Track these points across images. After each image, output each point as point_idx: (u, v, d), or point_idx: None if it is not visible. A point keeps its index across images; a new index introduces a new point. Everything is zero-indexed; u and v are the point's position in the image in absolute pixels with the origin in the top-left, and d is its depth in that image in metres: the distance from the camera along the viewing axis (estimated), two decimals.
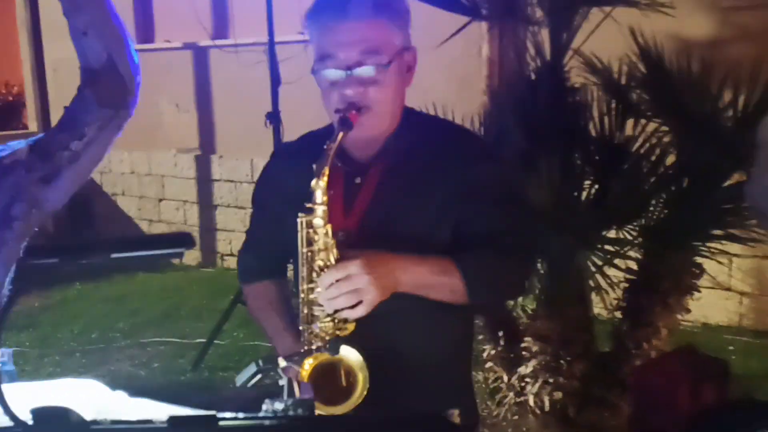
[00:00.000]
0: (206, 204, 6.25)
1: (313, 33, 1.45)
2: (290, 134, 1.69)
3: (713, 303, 4.54)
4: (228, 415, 0.85)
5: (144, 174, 6.60)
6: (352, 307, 1.33)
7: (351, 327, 1.38)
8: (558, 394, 3.06)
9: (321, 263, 1.37)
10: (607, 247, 2.59)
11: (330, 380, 1.37)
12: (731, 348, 4.21)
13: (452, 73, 5.00)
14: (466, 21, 3.08)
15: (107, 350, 4.56)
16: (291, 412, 0.83)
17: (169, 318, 5.10)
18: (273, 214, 1.58)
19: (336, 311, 1.35)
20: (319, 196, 1.35)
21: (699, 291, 2.98)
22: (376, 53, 1.40)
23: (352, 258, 1.34)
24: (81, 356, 4.46)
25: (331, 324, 1.37)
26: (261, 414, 0.86)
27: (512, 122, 2.89)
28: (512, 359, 3.26)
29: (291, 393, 1.12)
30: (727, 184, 2.52)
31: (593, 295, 3.04)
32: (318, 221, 1.36)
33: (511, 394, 3.29)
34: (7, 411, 0.84)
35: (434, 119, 1.61)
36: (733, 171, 2.50)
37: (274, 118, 4.10)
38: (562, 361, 3.00)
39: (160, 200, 6.54)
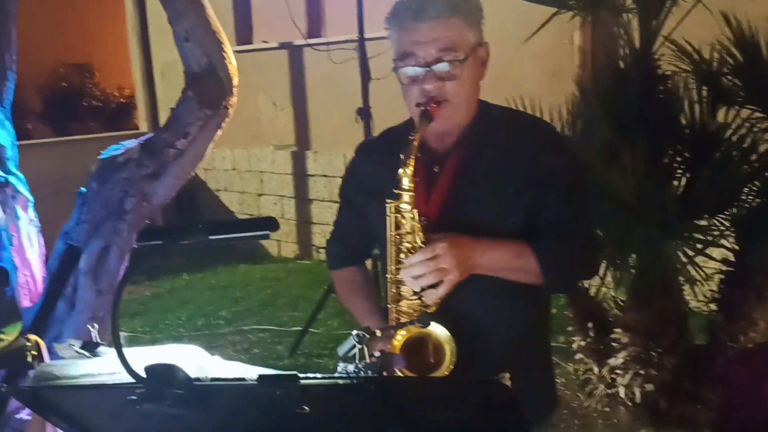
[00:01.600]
0: (302, 198, 6.46)
1: (393, 33, 1.55)
2: (380, 129, 1.79)
3: None
4: (308, 374, 0.97)
5: (244, 170, 6.89)
6: (434, 286, 1.43)
7: (436, 304, 1.48)
8: (649, 386, 3.03)
9: (408, 245, 1.48)
10: (697, 236, 2.54)
11: (419, 353, 1.47)
12: None
13: (543, 65, 4.96)
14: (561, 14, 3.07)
15: (211, 336, 4.82)
16: (361, 373, 0.92)
17: (268, 307, 5.33)
18: (358, 206, 1.70)
19: (421, 290, 1.45)
20: (406, 183, 1.47)
21: None
22: (453, 50, 1.49)
23: (438, 240, 1.44)
24: (188, 341, 4.71)
25: (417, 302, 1.49)
26: (337, 375, 0.96)
27: (600, 112, 2.88)
28: (602, 351, 3.24)
29: (384, 362, 1.22)
30: None
31: (688, 288, 2.99)
32: (405, 206, 1.48)
33: (602, 386, 3.27)
34: (128, 368, 0.97)
35: (508, 110, 1.68)
36: None
37: (364, 113, 4.21)
38: (652, 353, 2.97)
39: (260, 195, 6.82)
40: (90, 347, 1.19)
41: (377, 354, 1.21)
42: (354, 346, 1.22)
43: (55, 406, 1.09)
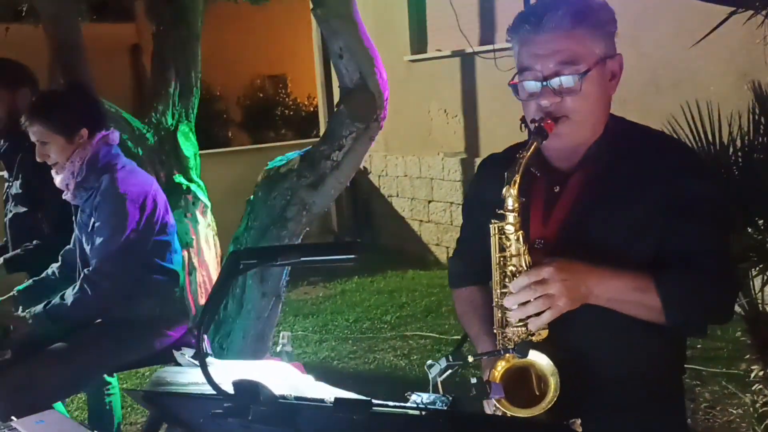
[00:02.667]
0: None
1: (514, 45, 1.49)
2: None
3: None
4: (381, 402, 0.97)
5: (415, 177, 7.02)
6: (539, 314, 1.33)
7: (544, 333, 1.39)
8: None
9: (513, 269, 1.40)
10: None
11: (521, 383, 1.40)
12: None
13: (730, 67, 4.55)
14: (746, 13, 2.81)
15: (375, 340, 4.95)
16: (433, 405, 0.91)
17: (431, 314, 5.37)
18: (479, 223, 1.63)
19: (525, 318, 1.36)
20: (510, 203, 1.39)
21: None
22: (572, 63, 1.40)
23: (546, 265, 1.34)
24: (352, 343, 4.91)
25: (524, 329, 1.40)
26: (408, 404, 0.95)
27: None
28: None
29: (480, 390, 1.18)
30: None
31: None
32: (509, 228, 1.40)
33: None
34: (212, 383, 1.03)
35: (641, 128, 1.53)
36: None
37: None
38: None
39: (429, 201, 6.90)
40: (199, 356, 1.28)
41: (473, 381, 1.17)
42: (444, 369, 1.20)
43: (166, 410, 1.18)
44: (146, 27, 5.73)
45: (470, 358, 1.32)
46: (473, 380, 1.22)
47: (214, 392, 1.06)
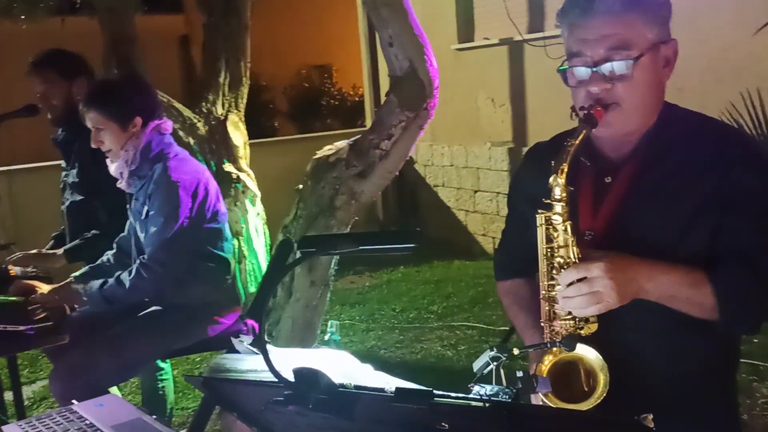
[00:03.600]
0: None
1: (564, 31, 1.44)
2: None
3: None
4: (443, 393, 0.96)
5: (461, 166, 6.97)
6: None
7: (593, 327, 1.36)
8: None
9: (561, 260, 1.37)
10: None
11: (569, 378, 1.37)
12: None
13: None
14: None
15: (421, 330, 4.95)
16: (496, 397, 0.90)
17: (478, 304, 5.34)
18: (524, 214, 1.60)
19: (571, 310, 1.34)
20: (558, 192, 1.36)
21: None
22: (624, 49, 1.35)
23: (596, 259, 1.31)
24: (399, 333, 4.91)
25: (572, 322, 1.37)
26: (471, 395, 0.94)
27: None
28: None
29: (526, 384, 1.16)
30: None
31: None
32: (557, 218, 1.37)
33: None
34: (273, 371, 1.04)
35: (697, 116, 1.47)
36: None
37: None
38: None
39: (476, 191, 6.85)
40: (258, 343, 1.28)
41: (519, 374, 1.15)
42: (488, 364, 1.18)
43: (224, 396, 1.19)
44: (196, 18, 5.80)
45: (515, 351, 1.29)
46: (519, 374, 1.20)
47: (274, 379, 1.07)
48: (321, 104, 13.51)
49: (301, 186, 3.45)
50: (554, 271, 1.38)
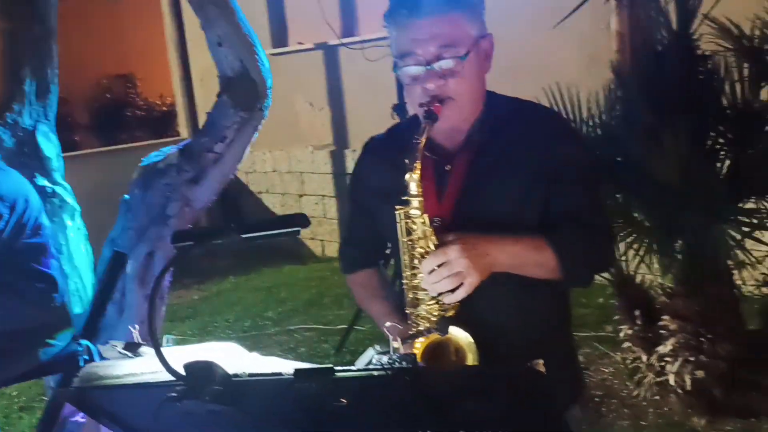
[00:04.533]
0: (343, 197, 6.49)
1: (391, 31, 1.50)
2: None
3: None
4: (343, 367, 0.97)
5: (285, 171, 6.96)
6: (453, 290, 1.39)
7: (455, 308, 1.45)
8: (700, 374, 2.96)
9: (421, 250, 1.44)
10: (744, 219, 2.47)
11: (441, 359, 1.44)
12: None
13: (581, 51, 4.88)
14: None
15: (259, 337, 4.88)
16: (396, 364, 0.92)
17: (314, 306, 5.37)
18: (367, 207, 1.66)
19: (439, 294, 1.42)
20: (414, 188, 1.42)
21: None
22: (453, 46, 1.44)
23: (450, 243, 1.40)
24: (236, 342, 4.80)
25: (435, 306, 1.45)
26: (371, 366, 0.96)
27: (640, 96, 2.83)
28: (650, 339, 3.19)
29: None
30: None
31: (739, 272, 2.91)
32: (415, 212, 1.43)
33: (651, 375, 3.22)
34: (167, 366, 0.99)
35: (516, 101, 1.60)
36: None
37: (400, 110, 4.21)
38: (702, 340, 2.90)
39: (301, 196, 6.87)
40: (132, 347, 1.22)
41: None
42: (371, 360, 1.20)
43: (101, 405, 1.12)
44: None
45: (395, 345, 1.28)
46: (371, 354, 1.23)
47: (161, 380, 1.02)
48: (126, 115, 12.84)
49: (127, 196, 3.27)
50: (416, 261, 1.45)
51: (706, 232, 2.62)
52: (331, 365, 1.00)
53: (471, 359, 1.41)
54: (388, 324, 1.28)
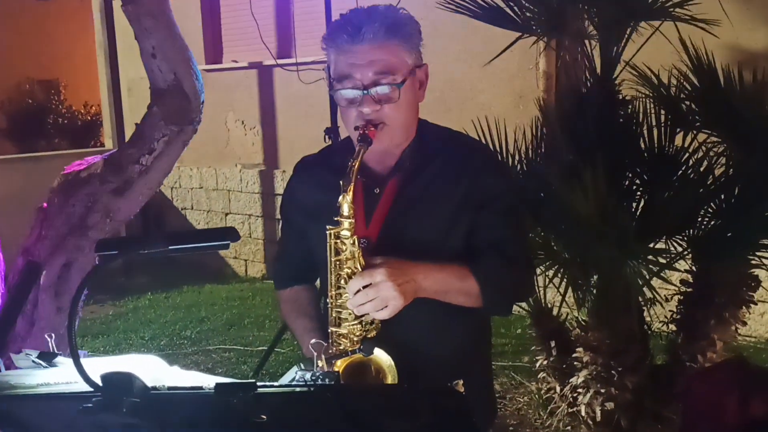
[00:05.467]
0: (270, 218, 6.44)
1: (330, 54, 1.54)
2: None
3: None
4: (266, 383, 0.97)
5: (211, 189, 6.86)
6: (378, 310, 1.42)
7: (378, 328, 1.48)
8: (610, 405, 3.06)
9: (348, 271, 1.46)
10: (654, 258, 2.59)
11: (361, 379, 1.46)
12: None
13: (509, 88, 5.05)
14: (526, 39, 3.13)
15: (175, 356, 4.75)
16: (319, 381, 0.93)
17: (234, 327, 5.28)
18: (298, 224, 1.69)
19: (362, 315, 1.45)
20: (346, 209, 1.46)
21: (755, 303, 2.95)
22: (390, 73, 1.49)
23: (378, 266, 1.43)
24: None
25: (358, 326, 1.48)
26: (294, 382, 0.97)
27: (563, 135, 2.94)
28: (564, 370, 3.28)
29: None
30: None
31: (648, 308, 3.03)
32: (345, 233, 1.46)
33: (564, 405, 3.30)
34: (84, 376, 0.96)
35: (447, 131, 1.67)
36: None
37: (333, 133, 4.23)
38: (613, 372, 3.00)
39: (227, 214, 6.78)
40: (46, 357, 1.18)
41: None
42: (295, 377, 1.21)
43: (11, 415, 1.07)
44: None
45: (320, 363, 1.29)
46: (293, 373, 1.24)
47: (78, 391, 1.00)
48: (47, 122, 12.39)
49: (45, 204, 3.16)
50: (342, 281, 1.47)
51: (618, 268, 2.73)
52: (253, 380, 0.99)
53: (390, 381, 1.44)
54: (312, 341, 1.29)
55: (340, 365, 1.45)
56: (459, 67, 5.01)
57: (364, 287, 1.41)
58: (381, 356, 1.45)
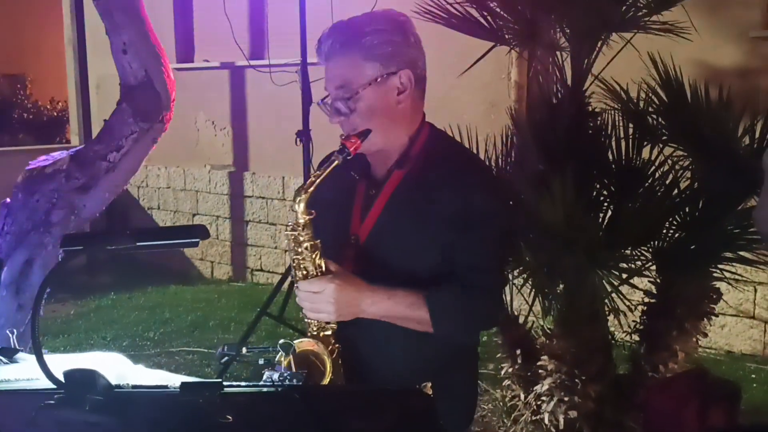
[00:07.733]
0: (238, 219, 6.40)
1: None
2: (320, 152, 1.80)
3: (737, 332, 4.52)
4: (232, 383, 0.96)
5: (179, 189, 6.79)
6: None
7: (333, 326, 1.54)
8: (573, 413, 3.08)
9: (305, 272, 1.51)
10: (620, 266, 2.62)
11: (309, 366, 1.49)
12: (754, 377, 4.18)
13: (482, 97, 5.10)
14: (498, 48, 3.15)
15: (137, 357, 4.64)
16: (286, 381, 0.93)
17: (198, 329, 5.22)
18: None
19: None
20: (299, 215, 1.49)
21: (716, 315, 3.00)
22: (344, 86, 1.55)
23: (329, 279, 1.48)
24: None
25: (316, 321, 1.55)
26: (261, 382, 0.96)
27: (533, 144, 2.96)
28: (529, 378, 3.30)
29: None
30: (739, 208, 2.56)
31: (612, 318, 3.07)
32: (300, 237, 1.50)
33: (528, 413, 3.32)
34: (47, 372, 0.95)
35: (449, 143, 1.68)
36: (746, 196, 2.54)
37: (304, 136, 4.22)
38: (577, 381, 3.03)
39: (194, 215, 6.71)
40: (7, 353, 1.15)
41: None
42: (222, 356, 1.26)
43: None
44: None
45: (244, 350, 1.41)
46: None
47: (39, 387, 0.98)
48: (12, 117, 12.15)
49: (9, 199, 3.10)
50: (299, 275, 1.53)
51: (584, 276, 2.76)
52: (219, 380, 0.98)
53: (329, 364, 1.46)
54: (281, 341, 1.30)
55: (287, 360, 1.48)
56: (432, 74, 5.03)
57: (309, 292, 1.49)
58: (304, 345, 1.50)
